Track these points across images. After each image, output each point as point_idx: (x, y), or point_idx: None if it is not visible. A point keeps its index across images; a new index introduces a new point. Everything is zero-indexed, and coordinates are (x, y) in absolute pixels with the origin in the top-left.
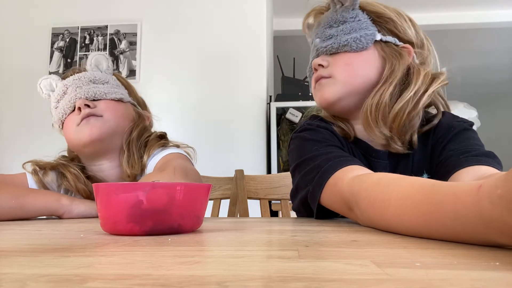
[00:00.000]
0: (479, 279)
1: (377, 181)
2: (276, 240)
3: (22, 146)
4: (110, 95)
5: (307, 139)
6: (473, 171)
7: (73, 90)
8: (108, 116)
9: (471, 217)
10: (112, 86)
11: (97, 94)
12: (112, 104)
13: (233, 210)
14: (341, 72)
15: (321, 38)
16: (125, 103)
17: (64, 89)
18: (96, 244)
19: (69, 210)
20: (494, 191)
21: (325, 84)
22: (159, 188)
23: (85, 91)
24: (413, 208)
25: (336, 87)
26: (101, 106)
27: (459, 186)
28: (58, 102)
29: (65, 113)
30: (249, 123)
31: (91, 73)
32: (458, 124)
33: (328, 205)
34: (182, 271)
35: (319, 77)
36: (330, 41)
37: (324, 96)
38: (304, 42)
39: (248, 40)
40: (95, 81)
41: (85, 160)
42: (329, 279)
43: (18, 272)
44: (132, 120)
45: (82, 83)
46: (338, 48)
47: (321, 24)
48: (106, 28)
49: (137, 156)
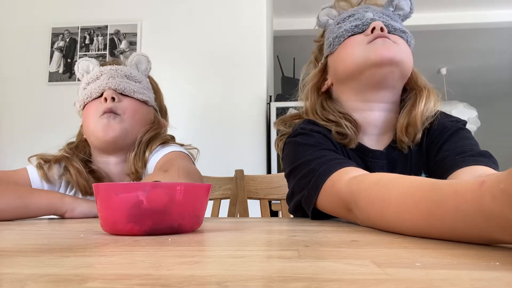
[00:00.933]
0: (479, 279)
1: (376, 181)
2: (276, 240)
3: (22, 146)
4: (137, 94)
5: (301, 143)
6: (470, 171)
7: (106, 78)
8: (126, 117)
9: (472, 212)
10: (142, 87)
11: (126, 89)
12: (135, 105)
13: (233, 210)
14: (404, 47)
15: (376, 15)
16: (149, 106)
17: (98, 74)
18: (96, 244)
19: (72, 209)
20: (496, 186)
21: (392, 44)
22: (159, 188)
23: (117, 82)
24: (413, 206)
25: (402, 53)
26: (125, 104)
27: (459, 183)
28: (88, 84)
29: (91, 96)
30: (249, 123)
31: (129, 69)
32: (452, 124)
33: (325, 208)
34: (182, 271)
35: (385, 36)
36: (389, 21)
37: (393, 50)
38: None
39: (248, 40)
40: (129, 77)
41: (93, 149)
42: (329, 279)
43: (18, 272)
44: (148, 124)
45: (117, 75)
46: (397, 30)
47: (371, 7)
48: (106, 28)
49: (142, 153)
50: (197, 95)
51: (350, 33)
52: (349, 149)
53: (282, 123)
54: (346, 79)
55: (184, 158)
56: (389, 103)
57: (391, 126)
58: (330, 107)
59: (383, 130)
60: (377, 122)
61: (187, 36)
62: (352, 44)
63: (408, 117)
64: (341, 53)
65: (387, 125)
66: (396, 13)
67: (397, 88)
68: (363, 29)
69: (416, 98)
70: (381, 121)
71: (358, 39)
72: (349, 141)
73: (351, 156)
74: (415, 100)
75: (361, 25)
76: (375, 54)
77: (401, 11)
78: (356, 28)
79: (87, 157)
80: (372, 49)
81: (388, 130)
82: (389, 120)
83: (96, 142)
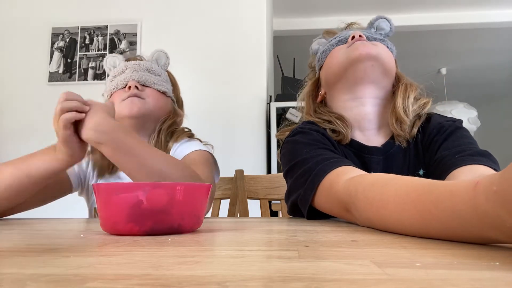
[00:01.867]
0: (479, 279)
1: (374, 182)
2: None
3: (22, 146)
4: (157, 85)
5: (298, 142)
6: (470, 170)
7: (130, 71)
8: (149, 101)
9: (467, 212)
10: (162, 80)
11: (148, 81)
12: (156, 93)
13: (233, 210)
14: (382, 48)
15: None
16: (167, 97)
17: (124, 68)
18: (96, 244)
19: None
20: (489, 188)
21: (371, 44)
22: (159, 188)
23: (140, 75)
24: (411, 206)
25: (381, 51)
26: (147, 91)
27: (455, 184)
28: (115, 77)
29: (117, 87)
30: (249, 123)
31: (149, 63)
32: (449, 123)
33: (322, 208)
34: (182, 271)
35: (362, 39)
36: (367, 34)
37: (370, 49)
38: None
39: (248, 40)
40: (150, 71)
41: None
42: (329, 279)
43: (18, 272)
44: (167, 113)
45: (140, 68)
46: (376, 39)
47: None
48: (106, 28)
49: (164, 142)
50: (197, 95)
51: (335, 46)
52: (345, 147)
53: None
54: (334, 81)
55: (207, 165)
56: (378, 99)
57: (386, 121)
58: (323, 110)
59: (378, 124)
60: (370, 115)
61: (187, 36)
62: (336, 51)
63: (394, 111)
64: (328, 62)
65: (381, 119)
66: (377, 33)
67: (382, 84)
68: (345, 41)
69: (395, 93)
70: (374, 115)
71: (341, 48)
72: (343, 137)
73: (347, 154)
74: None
75: (344, 39)
76: (354, 52)
77: (382, 31)
78: (340, 42)
79: None
80: (351, 49)
81: (384, 125)
82: (381, 115)
83: (121, 121)
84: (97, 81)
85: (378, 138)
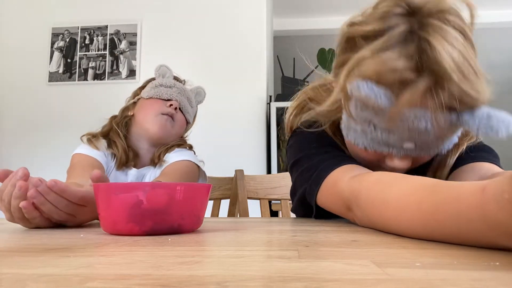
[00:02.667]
0: (479, 279)
1: (378, 180)
2: (276, 240)
3: (22, 146)
4: (188, 115)
5: (306, 136)
6: (474, 168)
7: (176, 91)
8: (177, 126)
9: (474, 219)
10: (193, 112)
11: (184, 107)
12: (183, 121)
13: (233, 210)
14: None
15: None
16: (187, 125)
17: (172, 84)
18: (96, 244)
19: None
20: (501, 196)
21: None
22: (159, 188)
23: (182, 100)
24: (413, 207)
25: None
26: (179, 116)
27: (462, 186)
28: (161, 86)
29: (160, 96)
30: (249, 123)
31: (191, 95)
32: None
33: (325, 205)
34: (182, 271)
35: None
36: (429, 151)
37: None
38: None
39: (248, 40)
40: (189, 101)
41: (135, 131)
42: (329, 279)
43: (18, 272)
44: (179, 138)
45: (184, 95)
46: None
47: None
48: (106, 28)
49: (158, 155)
50: None
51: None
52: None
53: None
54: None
55: (187, 176)
56: None
57: None
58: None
59: None
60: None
61: (187, 36)
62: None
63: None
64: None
65: None
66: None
67: None
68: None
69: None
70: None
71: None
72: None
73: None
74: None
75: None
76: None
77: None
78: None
79: (125, 133)
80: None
81: None
82: None
83: (147, 131)
84: (97, 81)
85: None
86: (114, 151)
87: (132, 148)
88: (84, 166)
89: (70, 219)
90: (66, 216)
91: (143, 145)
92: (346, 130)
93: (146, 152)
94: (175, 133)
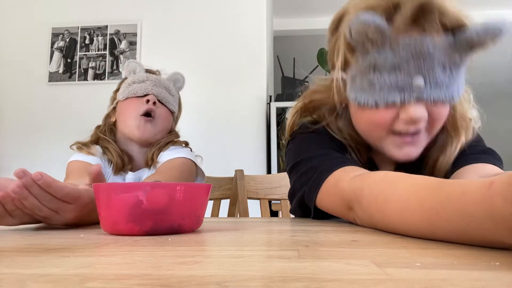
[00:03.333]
0: (479, 279)
1: (381, 178)
2: (276, 240)
3: (22, 146)
4: (170, 105)
5: (306, 139)
6: (474, 169)
7: (151, 83)
8: (159, 121)
9: (480, 215)
10: (174, 101)
11: (164, 98)
12: (166, 113)
13: (233, 210)
14: (438, 125)
15: (428, 80)
16: (172, 117)
17: (145, 78)
18: (96, 244)
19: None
20: (507, 189)
21: (417, 141)
22: (159, 188)
23: (159, 91)
24: (416, 204)
25: (426, 141)
26: (159, 111)
27: (467, 183)
28: (134, 83)
29: (135, 94)
30: (249, 123)
31: (168, 82)
32: None
33: (324, 207)
34: (182, 271)
35: (415, 132)
36: (441, 91)
37: (412, 155)
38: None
39: (248, 40)
40: (168, 90)
41: (122, 135)
42: (329, 279)
43: (18, 272)
44: (168, 132)
45: (160, 86)
46: (446, 102)
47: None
48: (106, 28)
49: (151, 156)
50: (197, 95)
51: (383, 106)
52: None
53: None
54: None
55: (182, 173)
56: None
57: None
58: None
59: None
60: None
61: (186, 36)
62: (377, 123)
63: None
64: (363, 120)
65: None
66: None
67: None
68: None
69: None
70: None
71: (386, 121)
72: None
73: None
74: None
75: (399, 102)
76: (391, 154)
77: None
78: (393, 105)
79: (113, 139)
80: (391, 147)
81: None
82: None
83: (130, 135)
84: (97, 81)
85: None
86: (109, 156)
87: (125, 152)
88: (80, 171)
89: (53, 216)
90: (48, 212)
91: (133, 147)
92: (354, 93)
93: (138, 154)
94: (161, 130)
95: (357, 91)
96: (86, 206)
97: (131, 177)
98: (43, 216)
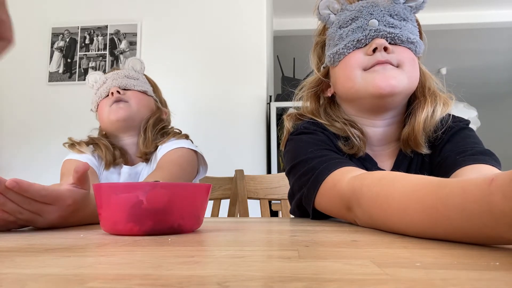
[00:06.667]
0: (479, 279)
1: (381, 178)
2: (276, 240)
3: (22, 146)
4: (137, 87)
5: (303, 141)
6: (472, 170)
7: (110, 80)
8: (132, 102)
9: (480, 211)
10: (140, 82)
11: (128, 85)
12: (137, 94)
13: (233, 210)
14: (409, 66)
15: (381, 22)
16: (149, 96)
17: (104, 80)
18: (96, 244)
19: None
20: (508, 185)
21: (393, 70)
22: (159, 188)
23: (120, 81)
24: (417, 202)
25: (404, 78)
26: (129, 94)
27: (467, 180)
28: (98, 90)
29: (101, 96)
30: (249, 123)
31: (127, 71)
32: (455, 124)
33: (323, 208)
34: (182, 271)
35: (386, 61)
36: (395, 30)
37: (392, 82)
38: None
39: (248, 40)
40: (128, 77)
41: (111, 136)
42: (329, 279)
43: (18, 272)
44: (151, 110)
45: (119, 76)
46: (404, 41)
47: (377, 6)
48: (106, 28)
49: (152, 139)
50: (197, 95)
51: (351, 49)
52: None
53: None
54: (345, 99)
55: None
56: (392, 118)
57: (396, 137)
58: (334, 114)
59: (387, 141)
60: (380, 135)
61: (187, 36)
62: (352, 64)
63: (408, 130)
64: (341, 73)
65: (391, 136)
66: (407, 5)
67: (401, 106)
68: (365, 43)
69: (416, 109)
70: (384, 134)
71: (358, 59)
72: (357, 150)
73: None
74: (416, 111)
75: (364, 39)
76: (374, 86)
77: (412, 2)
78: (358, 43)
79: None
80: (370, 79)
81: (393, 140)
82: (392, 132)
83: (110, 127)
84: None
85: (384, 152)
86: (98, 152)
87: (117, 146)
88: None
89: (36, 219)
90: (30, 215)
91: (123, 140)
92: (330, 53)
93: (132, 146)
94: (138, 107)
95: (331, 49)
96: (69, 207)
97: (127, 170)
98: (25, 219)
